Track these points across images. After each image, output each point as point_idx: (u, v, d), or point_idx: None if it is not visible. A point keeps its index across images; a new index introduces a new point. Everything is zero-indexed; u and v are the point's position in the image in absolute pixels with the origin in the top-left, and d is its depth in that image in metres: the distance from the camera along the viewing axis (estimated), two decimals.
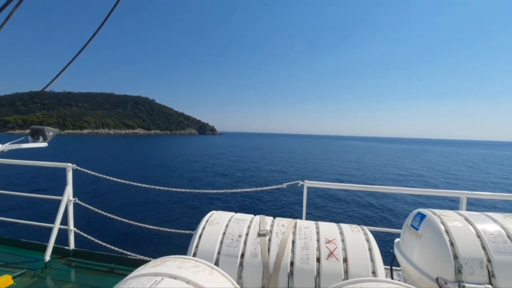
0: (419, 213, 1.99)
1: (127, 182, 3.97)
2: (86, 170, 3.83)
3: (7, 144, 3.37)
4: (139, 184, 3.99)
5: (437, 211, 1.94)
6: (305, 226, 1.81)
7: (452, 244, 1.63)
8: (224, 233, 1.77)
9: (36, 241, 3.81)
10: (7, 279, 2.88)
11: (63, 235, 3.58)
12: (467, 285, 1.52)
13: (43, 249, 3.36)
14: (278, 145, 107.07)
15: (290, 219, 1.93)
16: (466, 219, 1.79)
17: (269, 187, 3.88)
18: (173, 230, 3.82)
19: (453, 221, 1.77)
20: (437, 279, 1.61)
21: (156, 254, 1.49)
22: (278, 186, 3.63)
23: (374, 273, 1.50)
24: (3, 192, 4.00)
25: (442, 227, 1.73)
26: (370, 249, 1.61)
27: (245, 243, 1.70)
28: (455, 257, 1.59)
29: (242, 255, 1.65)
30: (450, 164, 48.26)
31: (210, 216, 1.96)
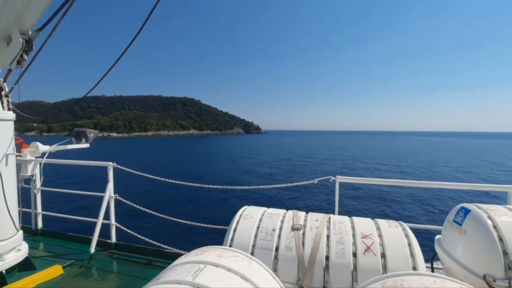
0: (462, 207, 1.89)
1: (162, 179, 4.16)
2: (125, 168, 4.07)
3: (54, 145, 3.71)
4: (175, 181, 4.18)
5: (482, 205, 1.83)
6: (339, 221, 1.79)
7: (501, 239, 1.55)
8: (258, 227, 1.81)
9: (82, 234, 4.14)
10: (58, 268, 3.19)
11: (105, 229, 3.85)
12: None
13: (88, 242, 3.63)
14: (327, 142, 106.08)
15: (323, 214, 1.92)
16: None
17: (301, 183, 3.86)
18: (207, 225, 3.95)
19: (501, 216, 1.67)
20: (484, 276, 1.52)
21: (191, 248, 1.55)
22: (309, 182, 3.60)
23: (414, 268, 1.45)
24: (53, 189, 4.37)
25: (489, 222, 1.64)
26: (409, 245, 1.56)
27: (279, 237, 1.72)
28: (505, 253, 1.51)
29: (277, 249, 1.67)
30: None
31: (244, 211, 2.00)
